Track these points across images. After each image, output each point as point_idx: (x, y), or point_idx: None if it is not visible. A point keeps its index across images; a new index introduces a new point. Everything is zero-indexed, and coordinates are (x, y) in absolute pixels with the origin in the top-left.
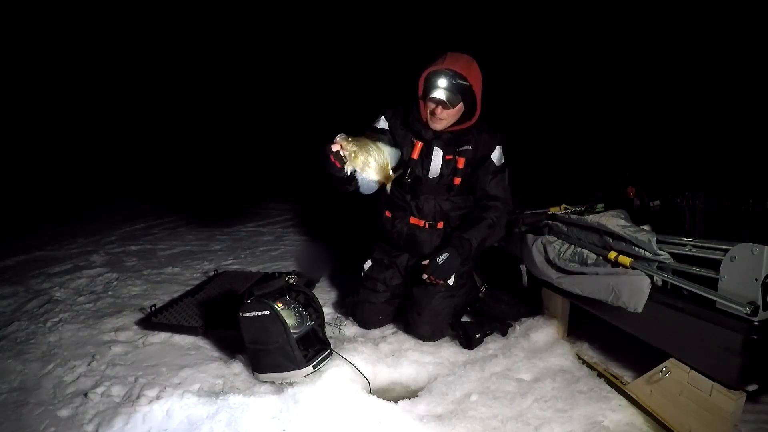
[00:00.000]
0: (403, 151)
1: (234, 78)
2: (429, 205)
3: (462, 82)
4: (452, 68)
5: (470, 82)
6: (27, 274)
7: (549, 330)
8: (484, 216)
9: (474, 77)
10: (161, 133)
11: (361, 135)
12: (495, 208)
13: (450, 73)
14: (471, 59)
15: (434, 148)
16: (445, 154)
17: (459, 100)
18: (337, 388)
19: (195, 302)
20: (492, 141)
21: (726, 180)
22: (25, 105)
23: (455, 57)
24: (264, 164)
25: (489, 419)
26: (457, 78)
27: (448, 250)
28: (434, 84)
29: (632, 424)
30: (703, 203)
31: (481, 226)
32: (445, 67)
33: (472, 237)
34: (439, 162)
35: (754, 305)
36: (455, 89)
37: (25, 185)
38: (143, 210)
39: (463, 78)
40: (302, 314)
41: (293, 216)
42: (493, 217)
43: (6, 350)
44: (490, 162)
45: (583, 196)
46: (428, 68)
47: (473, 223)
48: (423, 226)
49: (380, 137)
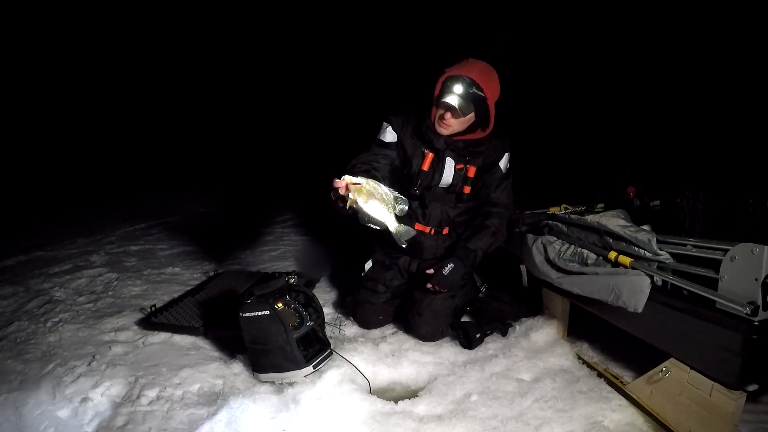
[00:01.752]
0: (414, 162)
1: (235, 79)
2: (436, 212)
3: (477, 92)
4: (471, 76)
5: (486, 94)
6: (27, 274)
7: (549, 330)
8: (487, 224)
9: (491, 90)
10: (162, 134)
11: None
12: (498, 215)
13: (468, 80)
14: (492, 70)
15: (446, 159)
16: (457, 163)
17: (471, 109)
18: (337, 388)
19: (195, 302)
20: (501, 147)
21: (726, 180)
22: (26, 105)
23: (476, 65)
24: (264, 164)
25: (489, 419)
26: (473, 87)
27: (453, 260)
28: (450, 89)
29: (632, 424)
30: (703, 203)
31: (484, 235)
32: (465, 74)
33: (477, 248)
34: (451, 173)
35: (754, 305)
36: (469, 97)
37: (25, 185)
38: (143, 210)
39: (480, 88)
40: (302, 314)
41: (293, 216)
42: (496, 225)
43: (6, 350)
44: (498, 168)
45: (583, 196)
46: (448, 71)
47: (477, 231)
48: (428, 233)
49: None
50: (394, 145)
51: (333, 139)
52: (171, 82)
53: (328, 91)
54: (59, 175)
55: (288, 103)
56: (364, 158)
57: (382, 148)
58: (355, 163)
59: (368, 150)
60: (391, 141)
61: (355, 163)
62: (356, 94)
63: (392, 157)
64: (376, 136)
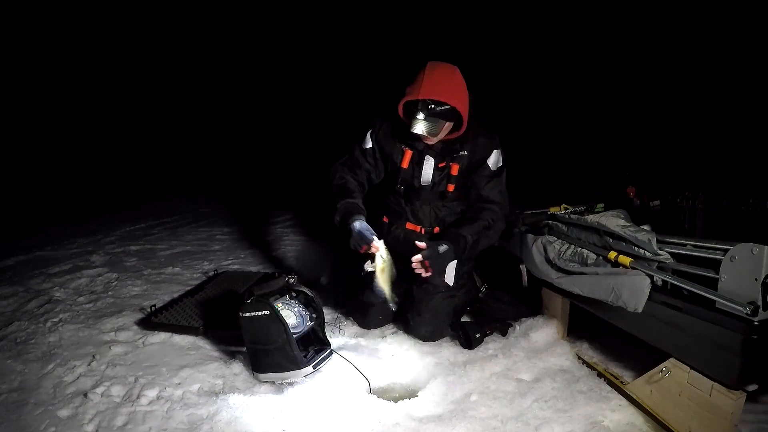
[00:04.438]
0: (394, 160)
1: (235, 79)
2: (424, 211)
3: (441, 108)
4: (428, 97)
5: (451, 103)
6: (27, 274)
7: (549, 330)
8: (480, 216)
9: (455, 95)
10: (162, 134)
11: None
12: (491, 210)
13: (427, 103)
14: (450, 72)
15: (426, 157)
16: (438, 161)
17: (442, 124)
18: (337, 388)
19: (195, 302)
20: (489, 145)
21: (726, 180)
22: (26, 106)
23: (432, 76)
24: (264, 164)
25: (489, 419)
26: (435, 105)
27: (445, 242)
28: (412, 117)
29: (632, 424)
30: (703, 203)
31: (476, 225)
32: (423, 96)
33: (467, 234)
34: (431, 170)
35: (754, 305)
36: (436, 116)
37: (25, 185)
38: (143, 210)
39: (441, 102)
40: (302, 314)
41: (293, 216)
42: (489, 219)
43: (6, 350)
44: (486, 166)
45: (583, 196)
46: (405, 95)
47: (467, 221)
48: (420, 232)
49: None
50: (371, 151)
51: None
52: (171, 83)
53: (326, 91)
54: (59, 175)
55: (287, 102)
56: (351, 182)
57: (362, 155)
58: (345, 182)
59: (352, 155)
60: (368, 147)
61: (344, 181)
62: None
63: (367, 167)
64: (360, 143)
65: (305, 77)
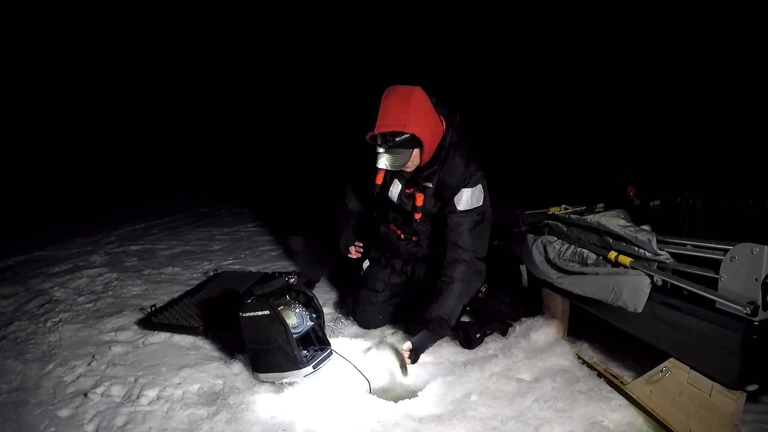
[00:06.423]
0: (371, 173)
1: (235, 80)
2: (397, 222)
3: (400, 137)
4: (385, 129)
5: (409, 131)
6: (27, 274)
7: (549, 330)
8: (454, 277)
9: (412, 121)
10: (162, 134)
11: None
12: (458, 264)
13: (385, 135)
14: (406, 96)
15: (394, 180)
16: (405, 187)
17: (407, 153)
18: (337, 388)
19: (195, 302)
20: (462, 180)
21: (726, 180)
22: (26, 106)
23: (386, 108)
24: (264, 165)
25: (489, 419)
26: (393, 137)
27: (426, 334)
28: (376, 151)
29: (632, 424)
30: (703, 203)
31: (451, 296)
32: (381, 130)
33: (450, 316)
34: (397, 192)
35: (754, 305)
36: (396, 146)
37: (25, 185)
38: (143, 210)
39: (399, 133)
40: (302, 314)
41: (293, 216)
42: (460, 279)
43: (6, 350)
44: (452, 206)
45: (583, 196)
46: (370, 129)
47: (441, 292)
48: (399, 235)
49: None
50: (363, 169)
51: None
52: (171, 84)
53: (327, 93)
54: (60, 175)
55: (288, 104)
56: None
57: (359, 178)
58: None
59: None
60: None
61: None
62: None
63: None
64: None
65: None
